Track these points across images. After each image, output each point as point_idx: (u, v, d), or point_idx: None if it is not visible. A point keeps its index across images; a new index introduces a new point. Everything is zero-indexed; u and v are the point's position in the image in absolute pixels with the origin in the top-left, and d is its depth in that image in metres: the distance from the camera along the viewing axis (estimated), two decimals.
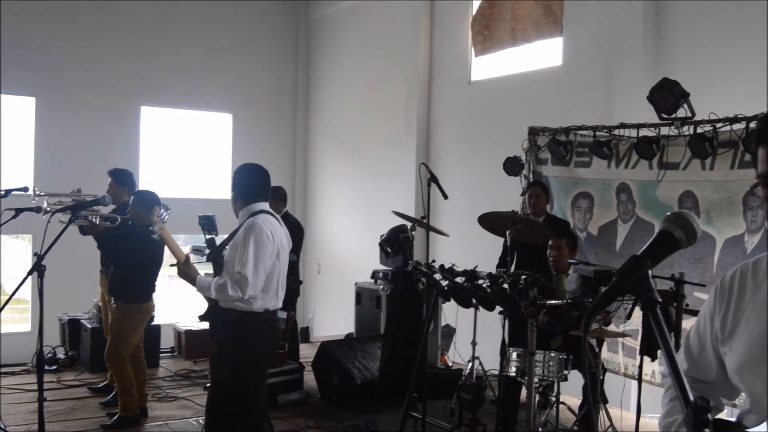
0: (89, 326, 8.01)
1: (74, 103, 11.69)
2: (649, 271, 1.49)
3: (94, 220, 6.28)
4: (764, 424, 1.56)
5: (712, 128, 5.74)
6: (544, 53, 9.15)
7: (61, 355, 8.44)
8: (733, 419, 1.76)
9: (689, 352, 1.91)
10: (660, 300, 1.45)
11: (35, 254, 4.50)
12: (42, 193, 6.10)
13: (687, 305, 5.08)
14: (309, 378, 7.36)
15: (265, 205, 4.63)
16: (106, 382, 7.15)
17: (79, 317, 8.49)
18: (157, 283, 6.38)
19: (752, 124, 5.43)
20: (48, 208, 5.69)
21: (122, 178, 6.92)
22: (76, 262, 8.99)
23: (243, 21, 13.41)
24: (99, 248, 6.62)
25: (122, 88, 12.12)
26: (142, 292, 6.20)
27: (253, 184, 4.65)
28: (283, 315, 7.19)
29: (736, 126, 5.60)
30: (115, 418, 6.26)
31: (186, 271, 4.43)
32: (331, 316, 12.46)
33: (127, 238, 6.10)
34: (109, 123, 11.98)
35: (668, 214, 1.59)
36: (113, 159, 9.21)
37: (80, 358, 8.28)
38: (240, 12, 13.33)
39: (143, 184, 10.39)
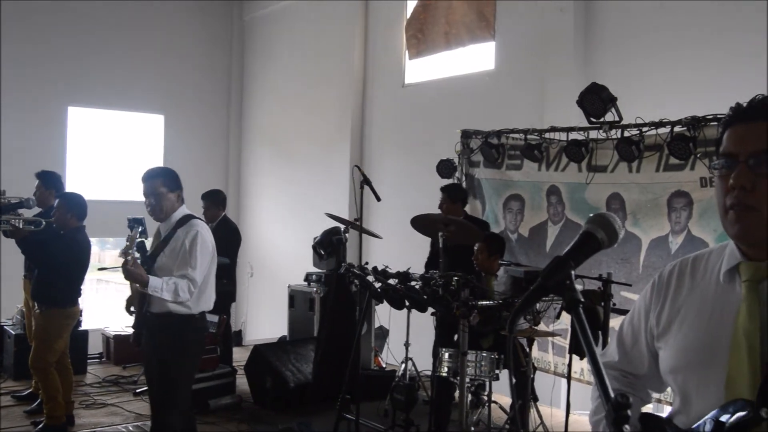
0: (13, 332, 7.76)
1: None
2: (573, 272, 1.51)
3: (17, 224, 6.11)
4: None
5: (638, 132, 5.88)
6: (477, 57, 9.25)
7: None
8: (664, 415, 1.78)
9: (621, 345, 1.92)
10: (582, 300, 1.47)
11: None
12: None
13: (614, 304, 5.20)
14: (242, 382, 7.28)
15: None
16: (30, 390, 6.95)
17: (2, 323, 8.21)
18: (83, 286, 6.23)
19: (677, 128, 5.59)
20: None
21: (50, 181, 6.76)
22: None
23: (174, 21, 13.21)
24: (23, 252, 6.44)
25: (48, 87, 11.79)
26: (67, 297, 6.03)
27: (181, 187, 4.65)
28: (214, 319, 7.13)
29: (662, 130, 5.75)
30: (40, 426, 6.07)
31: (136, 272, 4.20)
32: (264, 320, 12.37)
33: (51, 241, 5.94)
34: (35, 124, 11.64)
35: (591, 215, 1.61)
36: (38, 161, 8.98)
37: (3, 366, 8.00)
38: (171, 11, 13.12)
39: (71, 186, 10.13)
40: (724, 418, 1.50)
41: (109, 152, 12.83)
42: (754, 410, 1.46)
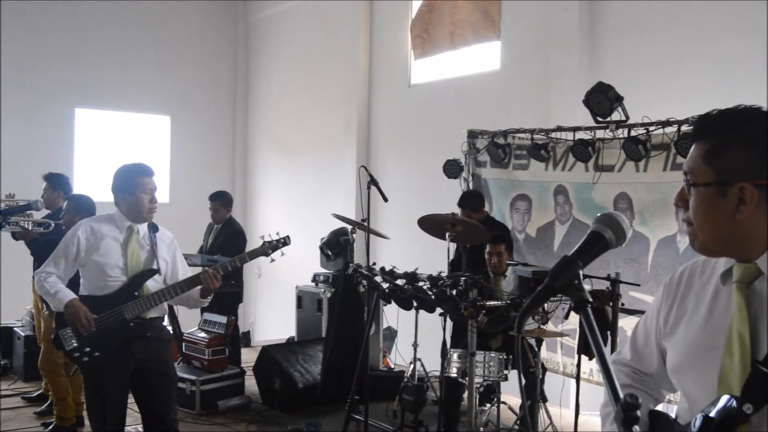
0: (22, 334, 7.79)
1: (5, 105, 11.34)
2: (581, 272, 1.51)
3: (26, 225, 6.13)
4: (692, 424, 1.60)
5: (645, 131, 5.87)
6: (482, 57, 9.23)
7: None
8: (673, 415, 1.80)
9: (634, 344, 1.95)
10: (590, 300, 1.47)
11: None
12: None
13: (623, 304, 5.18)
14: (250, 383, 7.29)
15: None
16: (40, 391, 6.98)
17: (12, 325, 8.24)
18: None
19: (684, 128, 5.58)
20: None
21: (58, 183, 6.77)
22: (7, 268, 8.75)
23: (180, 22, 13.22)
24: (32, 254, 6.46)
25: (55, 89, 11.81)
26: None
27: None
28: (223, 320, 7.14)
29: (668, 129, 5.73)
30: (50, 427, 6.10)
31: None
32: (272, 320, 12.38)
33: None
34: (42, 126, 11.67)
35: (598, 215, 1.62)
36: (46, 162, 8.99)
37: (13, 367, 8.04)
38: (176, 13, 13.13)
39: (78, 188, 10.14)
40: (712, 413, 1.53)
41: (117, 154, 12.83)
42: (739, 406, 1.49)
